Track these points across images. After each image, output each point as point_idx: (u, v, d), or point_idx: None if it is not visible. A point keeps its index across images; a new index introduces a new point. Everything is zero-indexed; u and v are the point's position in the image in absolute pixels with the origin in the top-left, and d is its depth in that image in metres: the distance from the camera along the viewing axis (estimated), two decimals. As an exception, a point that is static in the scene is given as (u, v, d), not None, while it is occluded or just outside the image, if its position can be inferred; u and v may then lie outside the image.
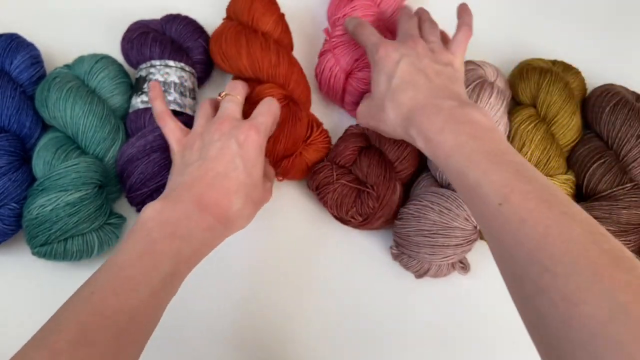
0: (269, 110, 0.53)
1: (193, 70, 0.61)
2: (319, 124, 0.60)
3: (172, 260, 0.42)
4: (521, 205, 0.37)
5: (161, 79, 0.58)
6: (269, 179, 0.54)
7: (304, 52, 0.66)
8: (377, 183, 0.56)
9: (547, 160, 0.58)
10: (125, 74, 0.61)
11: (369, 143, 0.60)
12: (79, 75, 0.59)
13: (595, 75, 0.65)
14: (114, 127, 0.57)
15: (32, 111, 0.58)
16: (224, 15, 0.63)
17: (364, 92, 0.60)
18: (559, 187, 0.41)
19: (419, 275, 0.57)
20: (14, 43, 0.58)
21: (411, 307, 0.58)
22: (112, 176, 0.56)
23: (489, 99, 0.57)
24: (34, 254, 0.52)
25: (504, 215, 0.38)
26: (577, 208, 0.38)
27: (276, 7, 0.62)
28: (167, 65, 0.58)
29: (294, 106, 0.58)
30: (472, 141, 0.44)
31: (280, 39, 0.61)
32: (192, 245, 0.44)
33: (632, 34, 0.73)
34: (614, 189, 0.56)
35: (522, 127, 0.59)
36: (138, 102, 0.58)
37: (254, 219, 0.51)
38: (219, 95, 0.55)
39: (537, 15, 0.73)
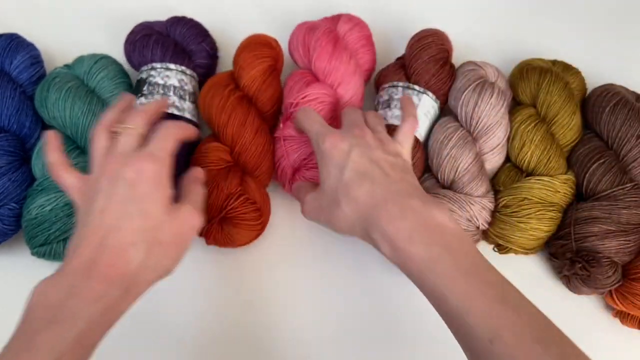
0: (166, 133, 0.46)
1: (194, 74, 0.61)
2: (250, 199, 0.54)
3: (51, 354, 0.36)
4: (515, 345, 0.36)
5: (161, 81, 0.57)
6: (191, 201, 0.46)
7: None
8: None
9: (547, 160, 0.58)
10: (125, 74, 0.61)
11: None
12: (79, 75, 0.59)
13: (595, 75, 0.65)
14: None
15: (32, 111, 0.57)
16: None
17: None
18: (543, 314, 0.40)
19: None
20: (13, 43, 0.58)
21: (413, 310, 0.57)
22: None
23: (490, 99, 0.57)
24: (33, 254, 0.53)
25: (497, 355, 0.36)
26: (572, 347, 0.37)
27: (262, 60, 0.58)
28: (167, 68, 0.58)
29: (224, 172, 0.55)
30: (446, 254, 0.41)
31: (255, 97, 0.57)
32: (77, 327, 0.37)
33: (632, 34, 0.73)
34: (614, 189, 0.56)
35: (522, 127, 0.59)
36: (137, 105, 0.57)
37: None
38: (115, 128, 0.47)
39: (537, 15, 0.73)
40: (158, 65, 0.58)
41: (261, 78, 0.57)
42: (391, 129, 0.57)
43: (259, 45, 0.58)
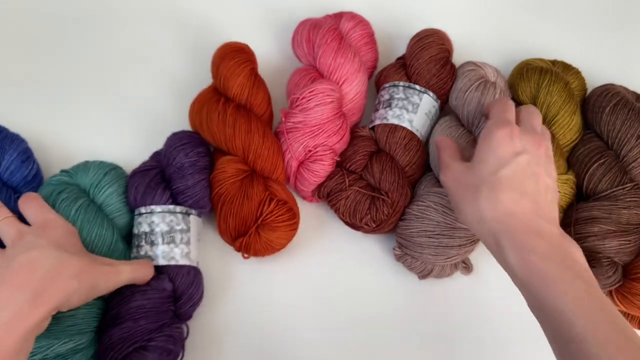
0: (35, 207, 0.49)
1: (170, 208, 0.53)
2: (281, 200, 0.54)
3: None
4: None
5: (136, 231, 0.54)
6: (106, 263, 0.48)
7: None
8: (391, 189, 0.56)
9: (548, 160, 0.58)
10: None
11: (378, 147, 0.59)
12: (83, 187, 0.53)
13: (595, 76, 0.65)
14: (121, 256, 0.52)
15: None
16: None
17: (316, 183, 0.57)
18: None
19: (423, 276, 0.57)
20: None
21: (415, 308, 0.58)
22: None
23: (492, 98, 0.57)
24: None
25: None
26: None
27: (243, 66, 0.57)
28: (139, 214, 0.53)
29: (247, 181, 0.54)
30: (580, 282, 0.42)
31: (249, 103, 0.57)
32: None
33: (633, 35, 0.73)
34: (614, 189, 0.56)
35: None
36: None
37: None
38: None
39: (538, 15, 0.73)
40: (135, 212, 0.54)
41: (249, 83, 0.56)
42: (390, 126, 0.57)
43: (235, 53, 0.57)
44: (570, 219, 0.56)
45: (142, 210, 0.53)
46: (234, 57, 0.56)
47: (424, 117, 0.60)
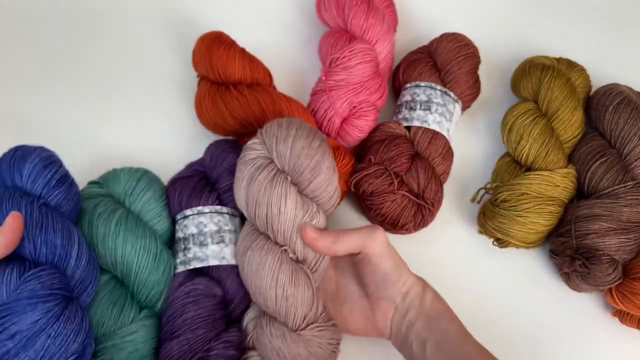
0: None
1: (217, 208, 0.52)
2: (339, 148, 0.57)
3: None
4: None
5: (181, 234, 0.52)
6: None
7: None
8: (436, 200, 0.56)
9: (546, 154, 0.57)
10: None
11: (416, 151, 0.58)
12: (116, 196, 0.51)
13: (600, 75, 0.65)
14: (167, 266, 0.50)
15: (61, 224, 0.44)
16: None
17: (359, 139, 0.58)
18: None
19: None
20: (17, 154, 0.46)
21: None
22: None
23: None
24: None
25: None
26: None
27: (233, 49, 0.57)
28: (184, 217, 0.52)
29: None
30: None
31: (255, 79, 0.57)
32: None
33: (638, 35, 0.73)
34: (616, 187, 0.56)
35: (519, 120, 0.59)
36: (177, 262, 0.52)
37: None
38: None
39: (544, 14, 0.73)
40: (178, 216, 0.52)
41: (246, 62, 0.57)
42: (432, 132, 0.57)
43: (217, 41, 0.57)
44: (571, 217, 0.56)
45: (188, 212, 0.51)
46: (220, 44, 0.57)
47: (453, 126, 0.60)
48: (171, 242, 0.53)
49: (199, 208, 0.51)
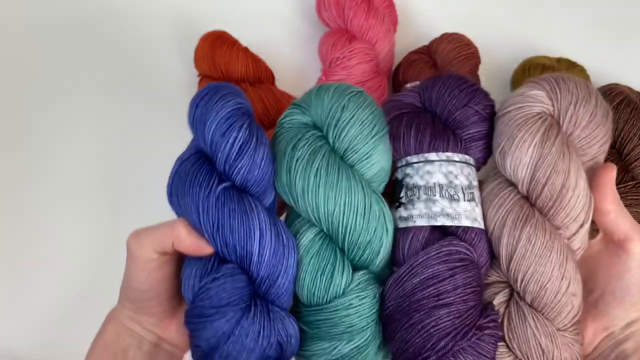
0: None
1: (467, 158, 0.43)
2: None
3: None
4: None
5: (421, 182, 0.42)
6: None
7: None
8: None
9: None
10: (384, 123, 0.42)
11: None
12: (319, 125, 0.41)
13: (600, 76, 0.65)
14: (380, 220, 0.39)
15: (245, 215, 0.36)
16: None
17: None
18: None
19: None
20: (213, 97, 0.37)
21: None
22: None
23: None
24: None
25: None
26: None
27: (236, 47, 0.58)
28: (427, 161, 0.42)
29: None
30: None
31: (257, 77, 0.58)
32: None
33: (638, 35, 0.73)
34: (616, 187, 0.56)
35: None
36: (396, 217, 0.43)
37: None
38: None
39: (544, 14, 0.73)
40: (414, 159, 0.43)
41: (249, 60, 0.58)
42: None
43: (220, 39, 0.58)
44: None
45: (433, 157, 0.42)
46: (222, 43, 0.58)
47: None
48: (387, 187, 0.43)
49: (449, 154, 0.42)
